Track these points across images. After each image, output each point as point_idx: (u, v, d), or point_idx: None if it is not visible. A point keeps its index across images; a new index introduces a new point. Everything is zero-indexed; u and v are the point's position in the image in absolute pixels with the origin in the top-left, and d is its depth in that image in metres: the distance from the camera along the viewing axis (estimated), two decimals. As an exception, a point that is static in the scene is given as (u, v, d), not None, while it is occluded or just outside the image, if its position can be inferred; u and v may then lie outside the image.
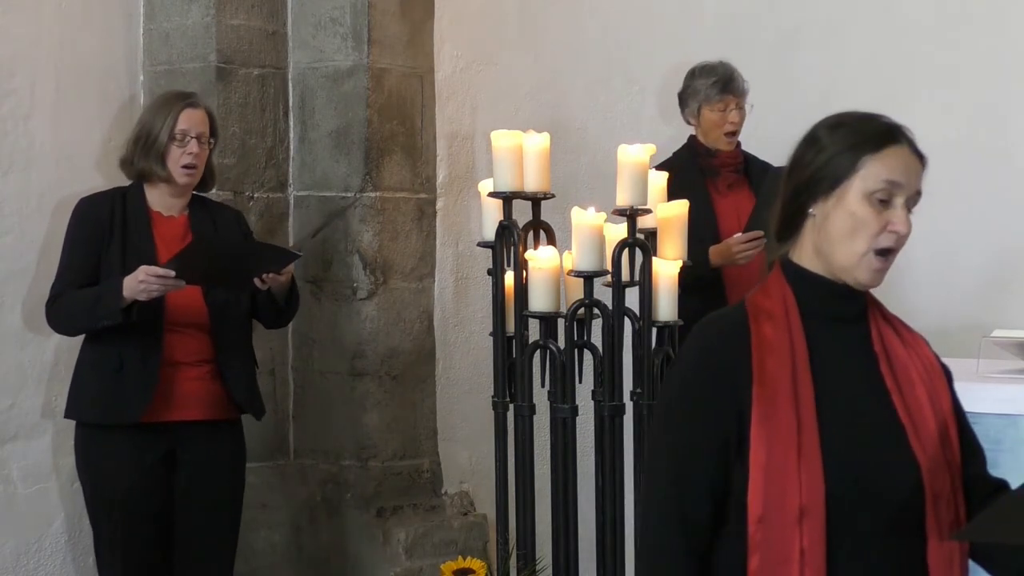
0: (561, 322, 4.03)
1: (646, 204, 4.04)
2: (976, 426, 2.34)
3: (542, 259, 4.02)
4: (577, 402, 4.04)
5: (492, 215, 4.19)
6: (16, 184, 4.49)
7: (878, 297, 2.34)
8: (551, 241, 4.14)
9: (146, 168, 4.05)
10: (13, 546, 4.50)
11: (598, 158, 5.15)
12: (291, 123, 4.96)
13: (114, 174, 4.30)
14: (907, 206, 2.20)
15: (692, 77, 4.80)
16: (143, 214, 4.07)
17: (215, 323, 4.06)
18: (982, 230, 4.92)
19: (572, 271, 4.01)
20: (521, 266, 4.10)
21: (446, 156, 5.16)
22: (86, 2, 4.67)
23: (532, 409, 4.11)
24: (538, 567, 4.13)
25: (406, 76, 4.99)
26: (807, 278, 2.24)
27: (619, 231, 4.06)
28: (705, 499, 2.18)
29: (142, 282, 3.84)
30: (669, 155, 4.76)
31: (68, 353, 4.35)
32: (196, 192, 4.17)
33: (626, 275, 4.06)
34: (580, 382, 4.07)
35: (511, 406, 4.15)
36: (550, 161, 4.15)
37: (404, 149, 4.98)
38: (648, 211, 4.07)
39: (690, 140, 4.84)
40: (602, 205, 4.03)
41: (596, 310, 4.01)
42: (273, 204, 4.91)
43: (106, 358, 3.97)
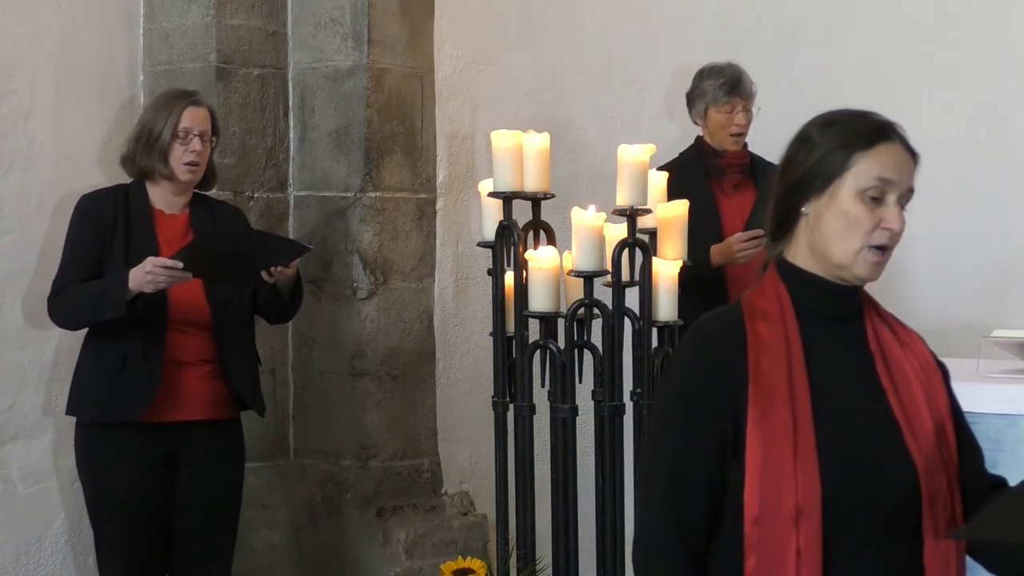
0: (561, 322, 4.03)
1: (646, 204, 4.04)
2: (976, 426, 2.34)
3: (542, 259, 4.02)
4: (577, 402, 4.03)
5: (492, 215, 4.19)
6: (16, 184, 4.49)
7: (878, 296, 2.34)
8: (551, 241, 4.14)
9: (148, 166, 4.05)
10: (13, 546, 4.49)
11: (598, 158, 5.15)
12: (291, 123, 4.96)
13: (115, 173, 4.30)
14: (900, 203, 2.19)
15: (700, 78, 4.79)
16: (145, 212, 4.06)
17: (217, 322, 4.05)
18: (982, 230, 4.91)
19: (572, 271, 4.00)
20: (521, 266, 4.10)
21: (446, 156, 5.16)
22: (86, 2, 4.67)
23: (532, 409, 4.11)
24: (538, 567, 4.12)
25: (406, 76, 4.99)
26: (802, 277, 2.24)
27: (619, 231, 4.06)
28: (702, 499, 2.18)
29: (149, 273, 3.83)
30: (669, 155, 4.76)
31: (68, 353, 4.35)
32: (197, 190, 4.17)
33: (626, 275, 4.06)
34: (580, 382, 4.07)
35: (511, 406, 4.15)
36: (550, 161, 4.15)
37: (404, 149, 4.98)
38: (648, 211, 4.07)
39: (697, 140, 4.84)
40: (602, 205, 4.03)
41: (596, 310, 4.01)
42: (273, 204, 4.90)
43: (109, 356, 3.96)
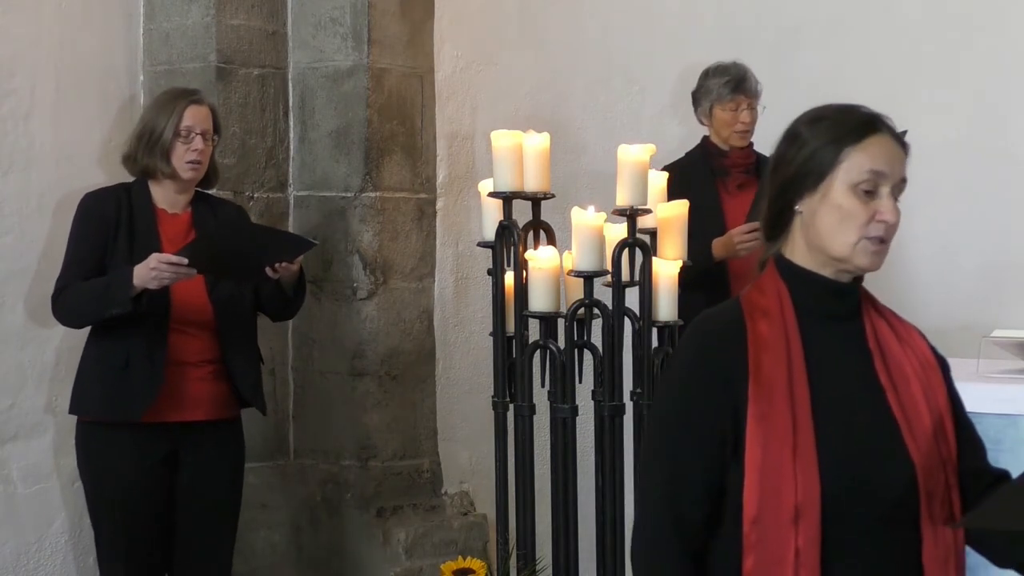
0: (561, 322, 4.03)
1: (646, 204, 4.04)
2: (976, 426, 2.34)
3: (542, 259, 4.02)
4: (577, 402, 4.03)
5: (492, 215, 4.19)
6: (16, 184, 4.49)
7: (879, 296, 2.34)
8: (551, 241, 4.14)
9: (150, 165, 4.05)
10: (13, 546, 4.49)
11: (598, 158, 5.15)
12: (291, 123, 4.96)
13: (115, 173, 4.30)
14: (893, 194, 2.19)
15: (706, 77, 4.81)
16: (148, 210, 4.06)
17: (220, 321, 4.05)
18: (982, 230, 4.92)
19: (572, 271, 4.00)
20: (521, 266, 4.10)
21: (446, 156, 5.16)
22: (86, 2, 4.67)
23: (532, 409, 4.11)
24: (538, 567, 4.12)
25: (406, 76, 4.99)
26: (801, 275, 2.23)
27: (619, 231, 4.06)
28: (700, 499, 2.18)
29: (154, 269, 3.83)
30: (669, 155, 4.76)
31: (69, 353, 4.36)
32: (199, 189, 4.17)
33: (626, 275, 4.06)
34: (580, 382, 4.07)
35: (511, 406, 4.15)
36: (550, 161, 4.15)
37: (404, 149, 4.98)
38: (648, 211, 4.07)
39: (703, 140, 4.86)
40: (602, 205, 4.03)
41: (596, 310, 4.01)
42: (273, 204, 4.90)
43: (112, 356, 3.96)
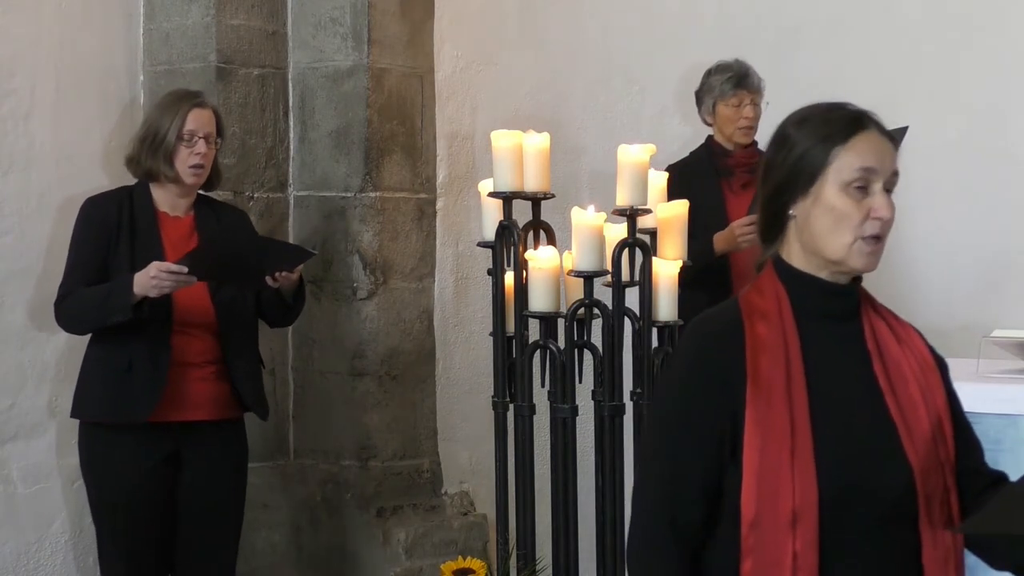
0: (561, 322, 4.03)
1: (646, 204, 4.04)
2: (976, 426, 2.34)
3: (542, 259, 4.02)
4: (577, 402, 4.03)
5: (492, 215, 4.19)
6: (16, 184, 4.49)
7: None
8: (551, 241, 4.14)
9: (153, 168, 4.04)
10: (13, 546, 4.49)
11: (598, 158, 5.15)
12: (291, 123, 4.95)
13: (115, 173, 4.30)
14: (886, 188, 2.18)
15: (708, 75, 4.84)
16: (150, 214, 4.06)
17: (222, 323, 4.05)
18: (982, 230, 4.92)
19: (572, 271, 4.00)
20: (521, 266, 4.10)
21: (446, 156, 5.16)
22: (86, 2, 4.67)
23: (532, 409, 4.11)
24: (538, 567, 4.12)
25: (406, 76, 4.99)
26: (800, 277, 2.23)
27: (619, 231, 4.06)
28: (698, 501, 2.17)
29: (154, 278, 3.83)
30: (669, 154, 4.77)
31: (69, 353, 4.36)
32: (202, 191, 4.17)
33: (626, 275, 4.06)
34: (580, 382, 4.07)
35: (511, 406, 4.15)
36: (550, 161, 4.15)
37: (404, 149, 4.97)
38: (648, 211, 4.07)
39: (707, 140, 4.88)
40: (602, 205, 4.03)
41: (596, 310, 4.01)
42: (273, 204, 4.90)
43: (114, 358, 3.96)
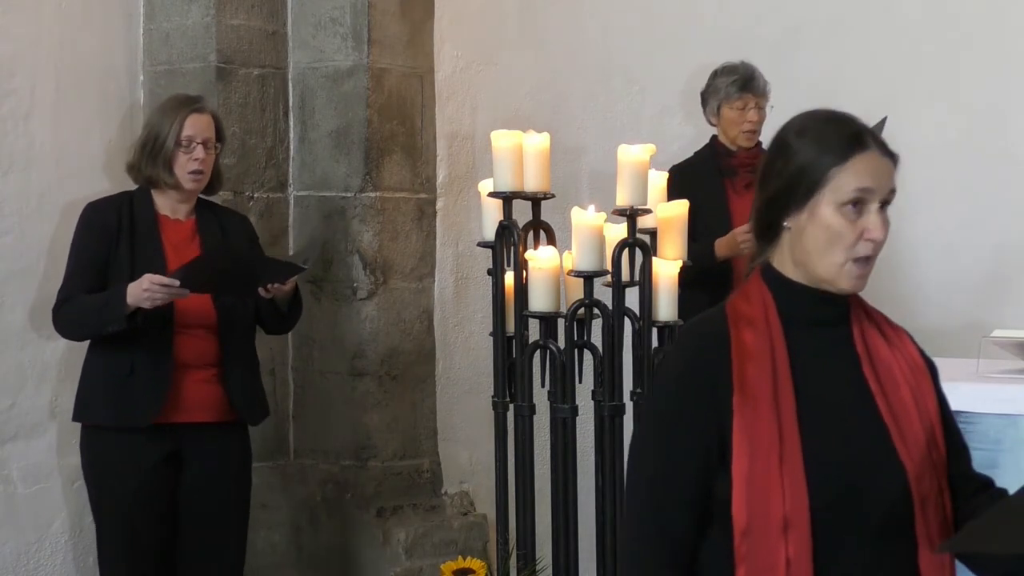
0: (561, 322, 4.03)
1: (646, 204, 4.04)
2: (976, 426, 2.33)
3: (542, 259, 4.02)
4: (577, 402, 4.03)
5: (492, 215, 4.19)
6: (16, 184, 4.49)
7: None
8: (551, 241, 4.14)
9: (153, 175, 4.04)
10: (13, 546, 4.49)
11: (598, 158, 5.15)
12: (291, 123, 4.95)
13: (115, 174, 4.30)
14: (882, 206, 2.16)
15: (714, 76, 4.84)
16: (151, 217, 4.05)
17: (223, 326, 4.05)
18: (983, 230, 4.92)
19: (572, 271, 4.00)
20: (521, 266, 4.10)
21: (446, 156, 5.16)
22: (86, 2, 4.67)
23: (532, 409, 4.11)
24: (538, 567, 4.12)
25: (406, 76, 4.99)
26: (788, 285, 2.21)
27: (619, 231, 4.06)
28: (685, 512, 2.15)
29: (146, 290, 3.83)
30: (669, 154, 4.77)
31: (69, 353, 4.35)
32: (203, 196, 4.16)
33: (626, 275, 4.06)
34: (580, 382, 4.07)
35: (511, 406, 4.15)
36: (550, 161, 4.15)
37: (404, 149, 4.97)
38: (648, 211, 4.08)
39: (711, 140, 4.89)
40: (602, 205, 4.03)
41: (596, 310, 4.01)
42: (273, 204, 4.90)
43: (116, 362, 3.96)
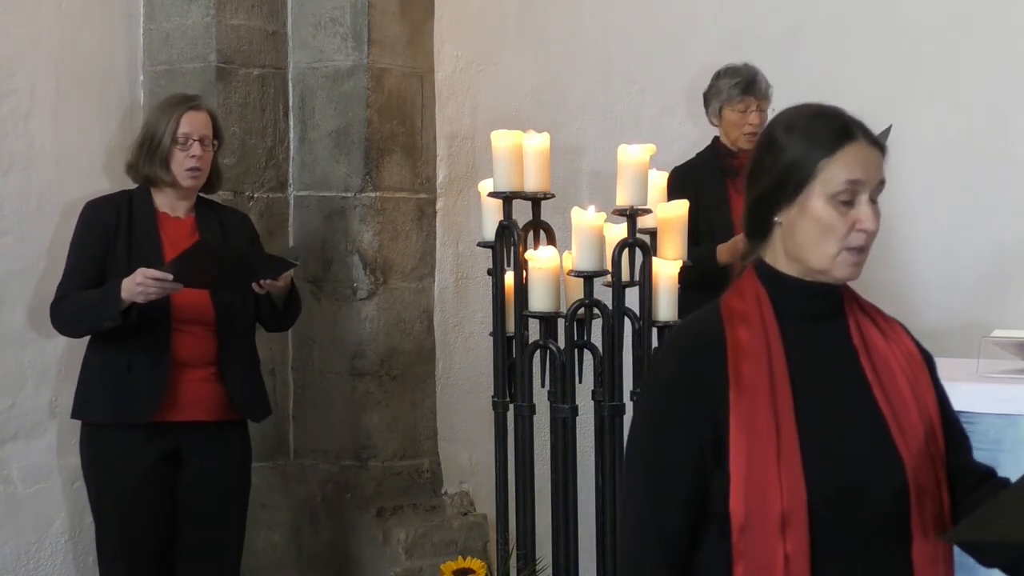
0: (561, 322, 4.03)
1: (646, 204, 4.04)
2: (976, 426, 2.33)
3: (542, 259, 4.02)
4: (577, 402, 4.03)
5: (492, 215, 4.19)
6: (16, 184, 4.49)
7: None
8: (551, 241, 4.14)
9: (151, 173, 4.04)
10: (13, 546, 4.49)
11: (598, 158, 5.15)
12: (291, 123, 4.96)
13: (115, 174, 4.30)
14: (872, 197, 2.16)
15: (717, 78, 4.84)
16: (150, 216, 4.06)
17: (221, 323, 4.05)
18: (983, 230, 4.91)
19: (572, 271, 4.00)
20: (521, 266, 4.10)
21: (446, 156, 5.16)
22: (86, 2, 4.67)
23: (532, 409, 4.11)
24: (538, 567, 4.12)
25: (406, 76, 4.99)
26: (782, 279, 2.21)
27: (619, 231, 4.06)
28: (682, 511, 2.15)
29: (139, 284, 3.83)
30: (669, 154, 4.77)
31: (69, 353, 4.35)
32: (202, 194, 4.17)
33: (626, 275, 4.06)
34: (580, 382, 4.07)
35: (511, 406, 4.15)
36: (550, 161, 4.15)
37: (404, 149, 4.98)
38: (648, 211, 4.07)
39: (713, 141, 4.89)
40: (602, 205, 4.03)
41: (596, 310, 4.01)
42: (273, 204, 4.90)
43: (114, 359, 3.96)
